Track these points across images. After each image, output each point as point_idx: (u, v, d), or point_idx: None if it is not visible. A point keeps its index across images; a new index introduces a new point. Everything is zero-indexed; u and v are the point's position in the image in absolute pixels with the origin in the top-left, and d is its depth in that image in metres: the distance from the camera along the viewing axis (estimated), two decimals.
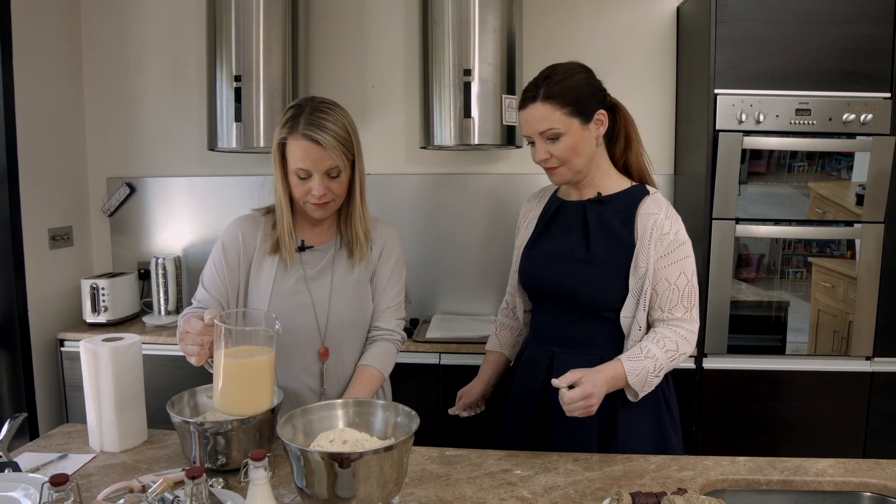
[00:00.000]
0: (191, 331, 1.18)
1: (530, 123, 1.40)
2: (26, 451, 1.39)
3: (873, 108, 2.15)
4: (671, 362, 1.37)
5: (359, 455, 0.98)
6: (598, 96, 1.41)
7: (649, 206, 1.41)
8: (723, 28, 2.17)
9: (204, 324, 1.17)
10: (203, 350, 1.19)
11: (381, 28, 2.74)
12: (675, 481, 1.25)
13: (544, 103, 1.37)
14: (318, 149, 1.36)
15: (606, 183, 1.46)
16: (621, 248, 1.40)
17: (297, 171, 1.38)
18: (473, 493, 1.19)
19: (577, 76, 1.40)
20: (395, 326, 1.58)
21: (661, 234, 1.37)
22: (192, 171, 2.86)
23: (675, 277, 1.38)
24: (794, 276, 2.25)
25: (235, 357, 1.14)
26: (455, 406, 1.64)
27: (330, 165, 1.38)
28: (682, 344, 1.37)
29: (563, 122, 1.36)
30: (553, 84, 1.37)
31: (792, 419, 2.28)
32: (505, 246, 2.75)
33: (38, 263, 2.57)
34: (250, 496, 0.93)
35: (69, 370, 2.53)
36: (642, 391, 1.35)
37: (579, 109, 1.37)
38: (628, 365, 1.32)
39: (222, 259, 1.48)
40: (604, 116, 1.41)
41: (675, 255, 1.38)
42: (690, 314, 1.40)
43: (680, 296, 1.38)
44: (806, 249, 2.24)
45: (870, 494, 1.25)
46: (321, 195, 1.39)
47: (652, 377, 1.34)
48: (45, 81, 2.62)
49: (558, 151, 1.38)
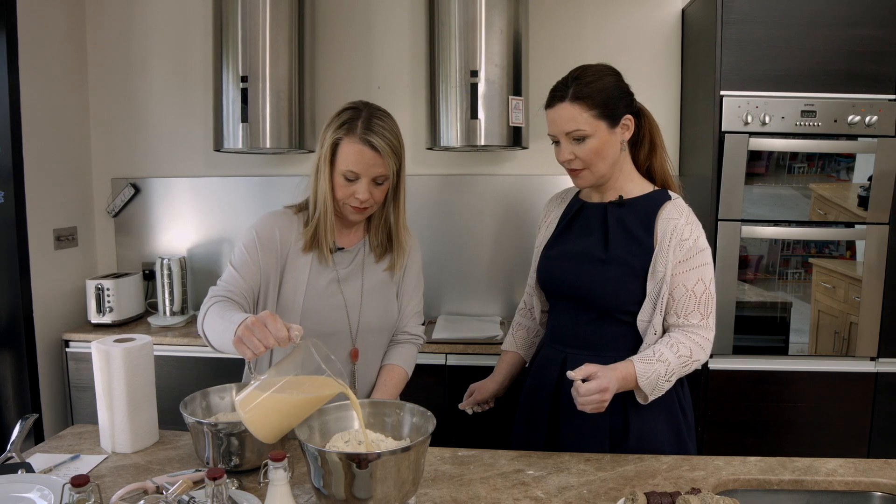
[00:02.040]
0: (271, 330, 1.10)
1: (557, 123, 1.39)
2: (38, 452, 1.39)
3: (878, 109, 2.16)
4: (683, 368, 1.36)
5: (376, 456, 0.99)
6: (626, 100, 1.41)
7: (670, 211, 1.40)
8: (729, 30, 2.18)
9: (289, 335, 1.10)
10: (263, 352, 1.13)
11: (386, 29, 2.74)
12: (688, 481, 1.25)
13: (573, 103, 1.36)
14: (373, 154, 1.36)
15: (629, 187, 1.45)
16: (640, 251, 1.39)
17: (347, 173, 1.38)
18: (487, 494, 1.20)
19: (608, 79, 1.40)
20: (420, 332, 1.63)
21: (680, 239, 1.37)
22: (196, 172, 2.86)
23: (693, 284, 1.37)
24: (797, 277, 2.26)
25: (297, 389, 1.08)
26: (464, 401, 1.64)
27: (380, 172, 1.39)
28: (696, 351, 1.37)
29: (590, 123, 1.36)
30: (583, 85, 1.37)
31: (797, 420, 2.29)
32: (511, 247, 2.76)
33: (43, 264, 2.57)
34: (270, 497, 0.93)
35: (74, 371, 2.53)
36: (652, 394, 1.34)
37: (608, 112, 1.37)
38: (640, 367, 1.32)
39: (256, 248, 1.44)
40: (630, 122, 1.41)
41: (693, 261, 1.38)
42: (707, 322, 1.39)
43: (697, 302, 1.37)
44: (805, 250, 2.25)
45: (881, 494, 1.26)
46: (364, 199, 1.39)
47: (663, 381, 1.34)
48: (50, 82, 2.62)
49: (583, 153, 1.38)
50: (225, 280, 1.43)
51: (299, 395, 1.08)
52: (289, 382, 1.10)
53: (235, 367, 2.40)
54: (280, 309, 1.44)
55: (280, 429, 1.11)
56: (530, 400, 1.53)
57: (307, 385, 1.10)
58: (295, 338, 1.10)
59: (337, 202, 1.43)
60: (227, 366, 2.42)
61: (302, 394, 1.08)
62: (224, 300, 1.35)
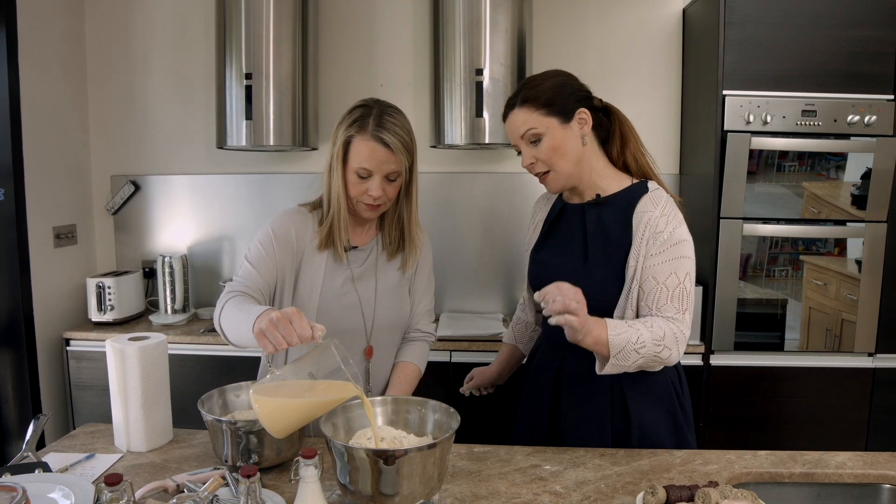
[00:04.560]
0: (296, 328, 1.10)
1: (511, 130, 1.41)
2: (51, 452, 1.38)
3: (877, 109, 2.20)
4: (655, 346, 1.27)
5: (403, 452, 1.00)
6: (577, 96, 1.40)
7: (645, 204, 1.37)
8: (731, 30, 2.20)
9: (313, 335, 1.10)
10: (284, 349, 1.13)
11: (390, 27, 2.74)
12: (702, 475, 1.27)
13: (521, 107, 1.38)
14: (385, 151, 1.37)
15: (604, 184, 1.43)
16: (618, 250, 1.38)
17: (359, 171, 1.39)
18: (507, 489, 1.21)
19: (553, 79, 1.40)
20: (432, 329, 1.64)
21: (654, 232, 1.33)
22: (197, 169, 2.84)
23: (665, 277, 1.32)
24: (798, 274, 2.29)
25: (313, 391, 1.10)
26: (464, 385, 1.68)
27: (393, 169, 1.39)
28: (669, 336, 1.28)
29: (540, 122, 1.36)
30: (529, 89, 1.39)
31: (797, 415, 2.33)
32: (513, 245, 2.77)
33: (43, 262, 2.55)
34: (301, 494, 0.94)
35: (75, 369, 2.51)
36: (615, 357, 1.25)
37: (557, 109, 1.37)
38: (611, 322, 1.26)
39: (273, 245, 1.44)
40: (586, 115, 1.39)
41: (667, 253, 1.33)
42: (683, 317, 1.31)
43: (669, 296, 1.31)
44: (806, 248, 2.28)
45: (889, 486, 1.29)
46: (377, 196, 1.40)
47: (631, 349, 1.25)
48: (50, 79, 2.59)
49: (542, 154, 1.38)
50: (242, 276, 1.43)
51: (317, 399, 1.10)
52: (306, 384, 1.12)
53: (239, 365, 2.40)
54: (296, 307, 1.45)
55: (293, 427, 1.14)
56: (530, 400, 1.54)
57: (324, 388, 1.12)
58: (318, 337, 1.11)
59: (350, 200, 1.43)
60: (231, 364, 2.42)
61: (319, 398, 1.10)
62: (242, 295, 1.36)
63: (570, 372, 1.44)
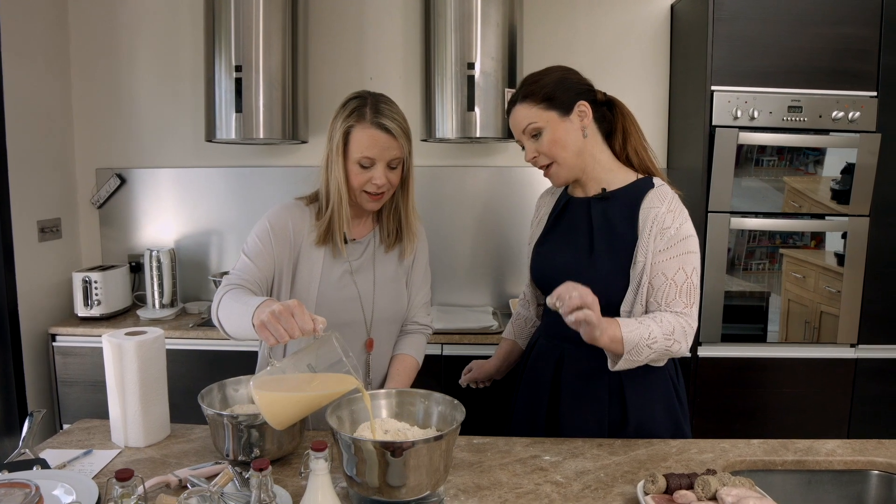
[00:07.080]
0: (298, 322, 1.10)
1: (514, 125, 1.45)
2: (48, 448, 1.37)
3: (860, 105, 2.25)
4: (666, 341, 1.29)
5: (411, 444, 1.01)
6: (576, 89, 1.42)
7: (652, 199, 1.40)
8: (720, 26, 2.23)
9: (315, 328, 1.10)
10: (286, 342, 1.13)
11: (380, 20, 2.73)
12: (698, 463, 1.30)
13: (522, 103, 1.42)
14: (387, 137, 1.38)
15: (609, 177, 1.45)
16: (624, 245, 1.39)
17: (362, 160, 1.39)
18: (508, 479, 1.23)
19: (552, 74, 1.43)
20: (429, 321, 1.65)
21: (661, 228, 1.36)
22: (184, 162, 2.81)
23: (674, 272, 1.35)
24: (775, 267, 2.34)
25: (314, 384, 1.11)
26: (462, 377, 1.70)
27: (395, 155, 1.40)
28: (678, 331, 1.31)
29: (540, 116, 1.40)
30: (529, 85, 1.42)
31: (781, 404, 2.38)
32: (504, 238, 2.79)
33: (27, 256, 2.50)
34: (311, 486, 0.94)
35: (61, 365, 2.47)
36: (629, 354, 1.27)
37: (557, 102, 1.40)
38: (623, 321, 1.28)
39: (270, 238, 1.44)
40: (586, 108, 1.41)
41: (674, 249, 1.35)
42: (690, 310, 1.34)
43: (678, 291, 1.34)
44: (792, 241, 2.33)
45: (877, 472, 1.33)
46: (381, 185, 1.40)
47: (644, 345, 1.27)
48: (33, 69, 2.54)
49: (543, 147, 1.41)
50: (239, 269, 1.42)
51: (318, 392, 1.11)
52: (306, 376, 1.12)
53: (230, 359, 2.39)
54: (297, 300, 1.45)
55: (294, 419, 1.14)
56: (529, 392, 1.56)
57: (324, 380, 1.12)
58: (320, 330, 1.12)
59: (353, 191, 1.43)
60: (221, 358, 2.40)
61: (320, 391, 1.11)
62: (239, 287, 1.35)
63: (569, 364, 1.46)
